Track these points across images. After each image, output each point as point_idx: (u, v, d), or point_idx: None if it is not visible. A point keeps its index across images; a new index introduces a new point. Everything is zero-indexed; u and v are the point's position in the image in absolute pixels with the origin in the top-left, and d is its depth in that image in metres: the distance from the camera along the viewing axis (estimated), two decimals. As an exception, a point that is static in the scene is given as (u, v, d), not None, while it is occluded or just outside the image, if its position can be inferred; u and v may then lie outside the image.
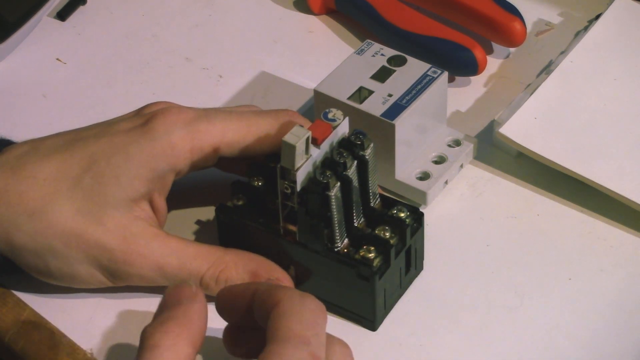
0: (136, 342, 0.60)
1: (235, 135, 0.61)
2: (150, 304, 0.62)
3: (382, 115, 0.64)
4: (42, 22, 0.80)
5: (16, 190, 0.60)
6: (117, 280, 0.61)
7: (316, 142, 0.58)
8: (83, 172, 0.60)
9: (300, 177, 0.58)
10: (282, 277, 0.61)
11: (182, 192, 0.66)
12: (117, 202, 0.60)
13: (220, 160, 0.63)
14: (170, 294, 0.53)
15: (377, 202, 0.61)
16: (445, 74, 0.67)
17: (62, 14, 0.82)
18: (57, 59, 0.79)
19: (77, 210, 0.60)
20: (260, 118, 0.62)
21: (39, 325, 0.62)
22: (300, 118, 0.63)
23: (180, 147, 0.60)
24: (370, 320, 0.61)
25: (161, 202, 0.62)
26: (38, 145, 0.62)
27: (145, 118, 0.61)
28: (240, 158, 0.63)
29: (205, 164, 0.62)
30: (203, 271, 0.60)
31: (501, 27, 0.75)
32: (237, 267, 0.61)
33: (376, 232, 0.60)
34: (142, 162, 0.60)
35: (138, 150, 0.60)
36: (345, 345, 0.53)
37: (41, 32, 0.81)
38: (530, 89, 0.72)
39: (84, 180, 0.60)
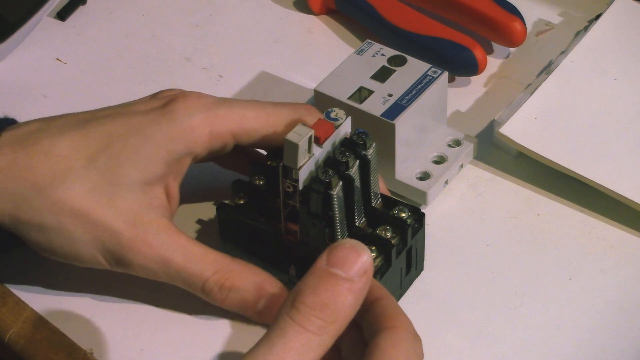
0: (136, 341, 0.60)
1: (253, 122, 0.61)
2: (150, 304, 0.62)
3: (382, 115, 0.64)
4: (42, 22, 0.80)
5: (26, 165, 0.59)
6: (118, 266, 0.60)
7: (319, 141, 0.58)
8: (99, 151, 0.59)
9: (303, 175, 0.58)
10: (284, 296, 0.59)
11: (184, 191, 0.66)
12: (132, 184, 0.59)
13: (224, 157, 0.63)
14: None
15: (378, 202, 0.61)
16: (445, 74, 0.67)
17: (62, 14, 0.82)
18: (57, 59, 0.79)
19: (90, 190, 0.59)
20: (278, 108, 0.62)
21: (39, 325, 0.62)
22: (317, 113, 0.63)
23: (200, 130, 0.60)
24: (370, 320, 0.61)
25: (175, 189, 0.61)
26: (49, 123, 0.61)
27: (164, 100, 0.61)
28: (254, 147, 0.63)
29: (221, 151, 0.62)
30: (207, 275, 0.59)
31: (501, 27, 0.75)
32: (243, 277, 0.59)
33: (377, 232, 0.60)
34: (160, 143, 0.60)
35: (157, 131, 0.60)
36: None
37: (41, 32, 0.81)
38: (530, 89, 0.72)
39: (100, 159, 0.59)
